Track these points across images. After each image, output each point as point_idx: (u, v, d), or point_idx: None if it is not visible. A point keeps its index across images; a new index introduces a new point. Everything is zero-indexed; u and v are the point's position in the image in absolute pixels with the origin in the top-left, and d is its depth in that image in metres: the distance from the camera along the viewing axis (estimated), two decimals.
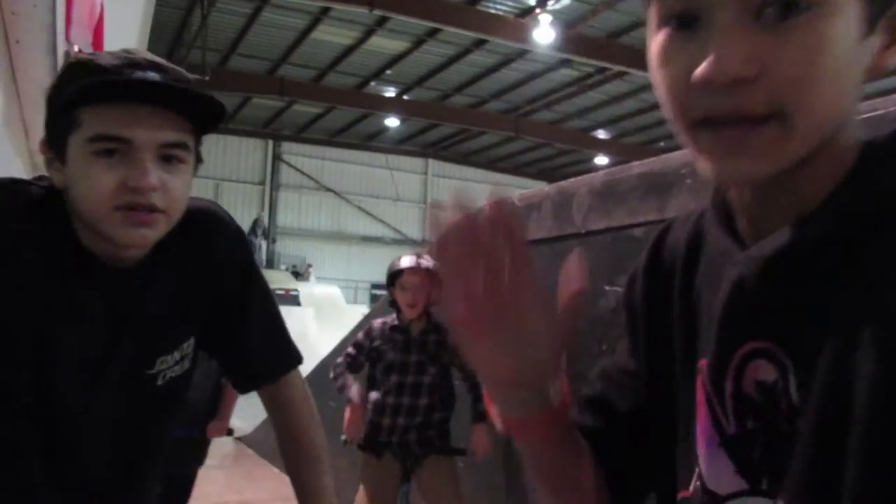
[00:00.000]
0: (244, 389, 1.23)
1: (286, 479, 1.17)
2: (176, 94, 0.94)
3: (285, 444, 1.17)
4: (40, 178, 1.02)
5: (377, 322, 2.82)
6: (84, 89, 0.89)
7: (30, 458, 0.98)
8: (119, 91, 0.91)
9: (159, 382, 1.06)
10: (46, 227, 0.95)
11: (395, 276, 2.71)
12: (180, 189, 0.96)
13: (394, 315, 2.78)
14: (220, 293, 1.10)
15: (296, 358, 1.21)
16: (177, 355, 1.08)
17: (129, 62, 0.93)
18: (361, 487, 2.69)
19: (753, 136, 0.47)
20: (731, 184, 0.55)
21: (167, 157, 0.94)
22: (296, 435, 1.17)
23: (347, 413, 2.67)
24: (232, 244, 1.13)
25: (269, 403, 1.19)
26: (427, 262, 2.72)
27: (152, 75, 0.93)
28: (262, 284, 1.19)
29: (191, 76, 1.00)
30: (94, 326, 0.99)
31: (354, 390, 2.68)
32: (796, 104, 0.46)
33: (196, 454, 2.95)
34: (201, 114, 0.96)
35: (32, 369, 0.96)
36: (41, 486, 0.98)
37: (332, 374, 2.74)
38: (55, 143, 0.95)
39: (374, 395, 2.72)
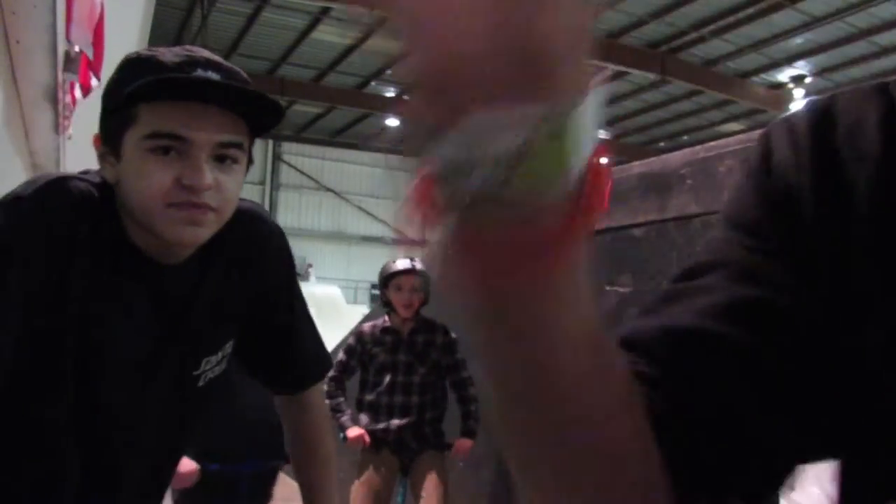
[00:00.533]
0: (284, 392, 1.22)
1: (286, 479, 1.17)
2: (235, 94, 0.93)
3: (299, 445, 1.20)
4: (86, 172, 1.00)
5: (367, 326, 2.87)
6: (145, 86, 0.88)
7: (66, 457, 0.97)
8: (179, 89, 0.91)
9: (200, 384, 1.05)
10: (95, 223, 0.94)
11: (390, 277, 2.75)
12: (233, 189, 0.95)
13: (384, 318, 2.83)
14: (264, 295, 1.10)
15: (330, 362, 1.24)
16: (219, 355, 1.07)
17: (190, 60, 0.93)
18: (357, 482, 2.71)
19: None
20: None
21: (222, 156, 0.93)
22: (312, 437, 1.20)
23: (349, 434, 2.70)
24: (277, 246, 1.13)
25: (291, 405, 1.20)
26: (420, 264, 2.76)
27: (212, 75, 0.93)
28: (300, 289, 1.20)
29: (247, 76, 0.99)
30: (142, 325, 0.98)
31: (347, 417, 2.73)
32: None
33: (270, 487, 2.47)
34: (257, 115, 0.96)
35: (79, 368, 0.95)
36: (73, 485, 0.97)
37: (325, 388, 2.76)
38: (110, 138, 0.94)
39: (368, 397, 2.77)
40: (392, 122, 17.21)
